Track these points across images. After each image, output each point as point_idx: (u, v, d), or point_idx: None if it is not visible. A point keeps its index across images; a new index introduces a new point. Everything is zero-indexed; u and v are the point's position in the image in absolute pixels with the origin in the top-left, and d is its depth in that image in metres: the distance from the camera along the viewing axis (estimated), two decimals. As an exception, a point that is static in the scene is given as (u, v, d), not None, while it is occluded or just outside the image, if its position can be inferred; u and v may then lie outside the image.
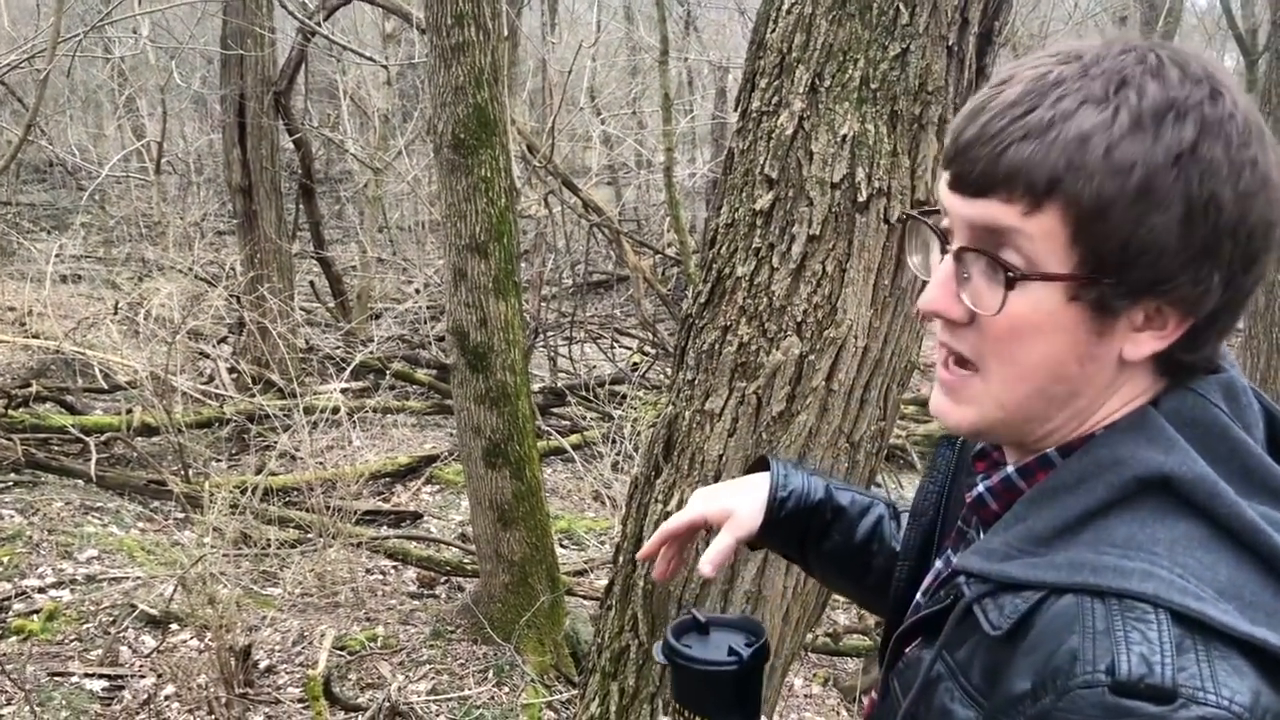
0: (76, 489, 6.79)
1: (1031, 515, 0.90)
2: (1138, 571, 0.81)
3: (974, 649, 0.88)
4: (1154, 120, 0.84)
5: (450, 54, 4.72)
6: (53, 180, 17.75)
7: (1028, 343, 0.90)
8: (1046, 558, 0.86)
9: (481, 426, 5.13)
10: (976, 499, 1.02)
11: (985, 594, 0.88)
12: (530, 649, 5.18)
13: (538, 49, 13.58)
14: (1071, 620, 0.80)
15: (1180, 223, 0.84)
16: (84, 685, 4.69)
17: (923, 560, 1.16)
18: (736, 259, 2.38)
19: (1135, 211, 0.84)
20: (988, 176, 0.87)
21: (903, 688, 0.97)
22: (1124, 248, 0.85)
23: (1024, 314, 0.89)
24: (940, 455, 1.20)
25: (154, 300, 8.36)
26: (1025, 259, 0.88)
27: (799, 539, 1.40)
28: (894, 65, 2.23)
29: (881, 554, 1.38)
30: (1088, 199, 0.84)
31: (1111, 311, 0.88)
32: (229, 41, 9.59)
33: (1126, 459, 0.87)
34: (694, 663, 1.24)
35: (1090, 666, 0.77)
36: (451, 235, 4.98)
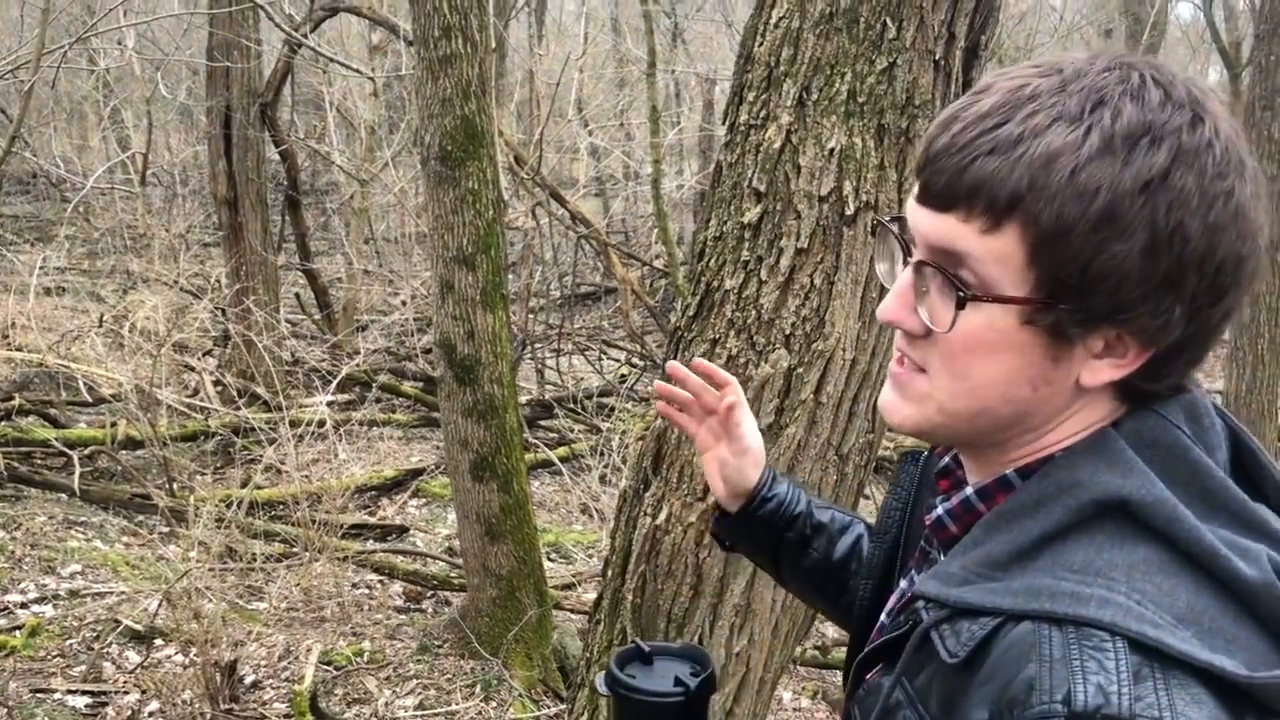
0: (60, 503, 6.74)
1: (989, 539, 0.89)
2: (1095, 598, 0.79)
3: (931, 676, 0.87)
4: (1125, 144, 0.81)
5: (438, 66, 4.72)
6: (36, 192, 17.64)
7: (978, 361, 0.89)
8: (1004, 583, 0.84)
9: (469, 439, 5.11)
10: (936, 521, 1.01)
11: (942, 619, 0.87)
12: (518, 663, 5.15)
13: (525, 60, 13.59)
14: (1028, 648, 0.79)
15: (1143, 252, 0.81)
16: (66, 702, 4.65)
17: (886, 579, 1.16)
18: (725, 272, 2.38)
19: (1096, 238, 0.81)
20: (951, 190, 0.86)
21: (863, 715, 0.96)
22: (1082, 273, 0.82)
23: (975, 333, 0.87)
24: (903, 471, 1.19)
25: (139, 313, 8.31)
26: (980, 279, 0.86)
27: (773, 545, 1.40)
28: (881, 79, 2.24)
29: (859, 574, 1.36)
30: (1045, 221, 0.82)
31: (1067, 337, 0.86)
32: (215, 53, 9.56)
33: (1084, 482, 0.86)
34: (637, 693, 1.22)
35: (1047, 697, 0.75)
36: (439, 247, 4.96)
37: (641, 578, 2.53)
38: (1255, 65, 7.09)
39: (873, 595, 1.16)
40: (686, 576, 2.47)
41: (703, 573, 2.47)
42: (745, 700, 2.57)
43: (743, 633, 2.49)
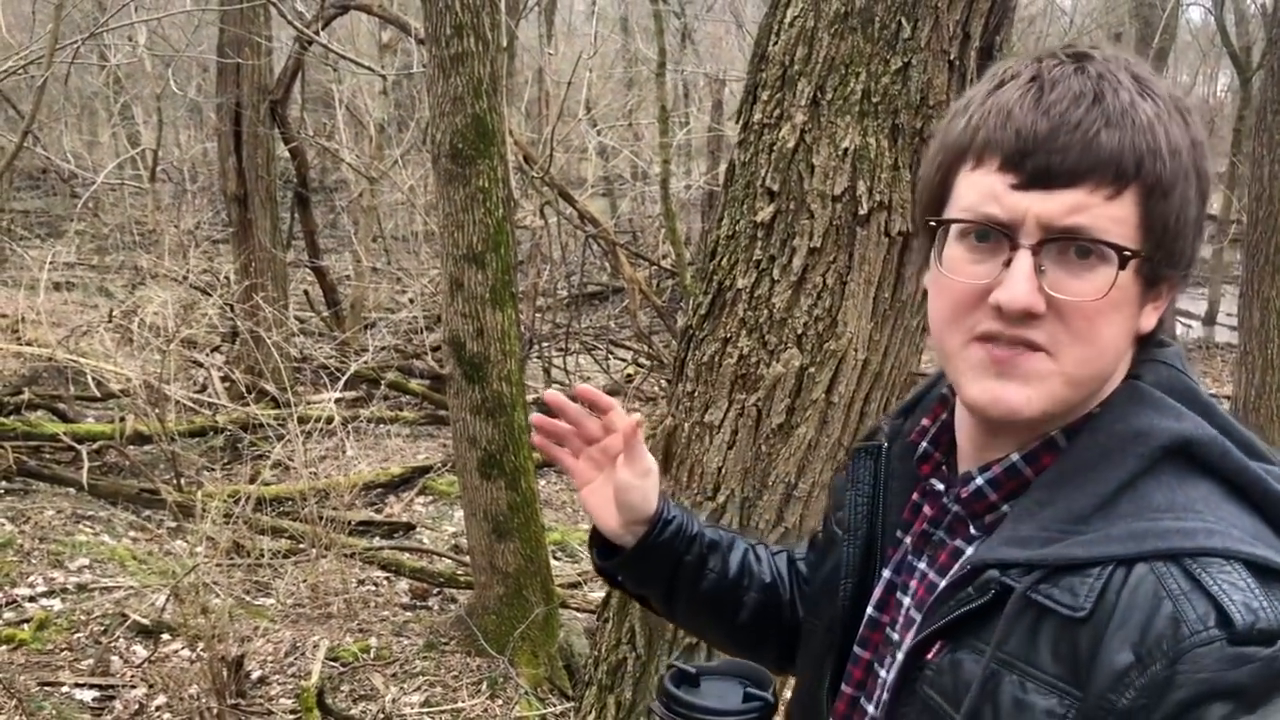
0: (68, 497, 6.76)
1: (1060, 497, 0.92)
2: (1200, 530, 0.84)
3: (1032, 638, 0.88)
4: (1178, 110, 0.93)
5: (449, 64, 4.72)
6: (46, 187, 17.71)
7: (1107, 322, 0.93)
8: (1100, 533, 0.88)
9: (477, 437, 5.12)
10: (975, 492, 1.01)
11: (1039, 580, 0.88)
12: (524, 661, 5.15)
13: (535, 60, 13.60)
14: (1155, 587, 0.83)
15: (1198, 198, 0.94)
16: (75, 695, 4.66)
17: (865, 575, 1.14)
18: (737, 271, 2.37)
19: (1187, 189, 0.92)
20: (1081, 164, 0.90)
21: (943, 694, 0.94)
22: (1176, 223, 0.92)
23: (1110, 295, 0.92)
24: (860, 467, 1.18)
25: (148, 308, 8.33)
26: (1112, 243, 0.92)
27: (671, 572, 1.32)
28: (896, 79, 2.23)
29: (753, 589, 1.35)
30: (1159, 180, 0.91)
31: (1155, 287, 0.96)
32: (225, 50, 9.58)
33: (1148, 429, 0.91)
34: (713, 715, 1.18)
35: (1200, 625, 0.80)
36: (449, 245, 4.97)
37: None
38: (1266, 69, 7.07)
39: (854, 592, 1.14)
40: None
41: (712, 572, 2.46)
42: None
43: (752, 632, 2.49)
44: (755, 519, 2.43)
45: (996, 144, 0.92)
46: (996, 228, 0.93)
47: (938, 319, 0.99)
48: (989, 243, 0.94)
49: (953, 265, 0.96)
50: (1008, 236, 0.92)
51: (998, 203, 0.92)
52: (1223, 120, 19.86)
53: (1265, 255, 6.41)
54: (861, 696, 1.11)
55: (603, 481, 1.30)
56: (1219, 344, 15.08)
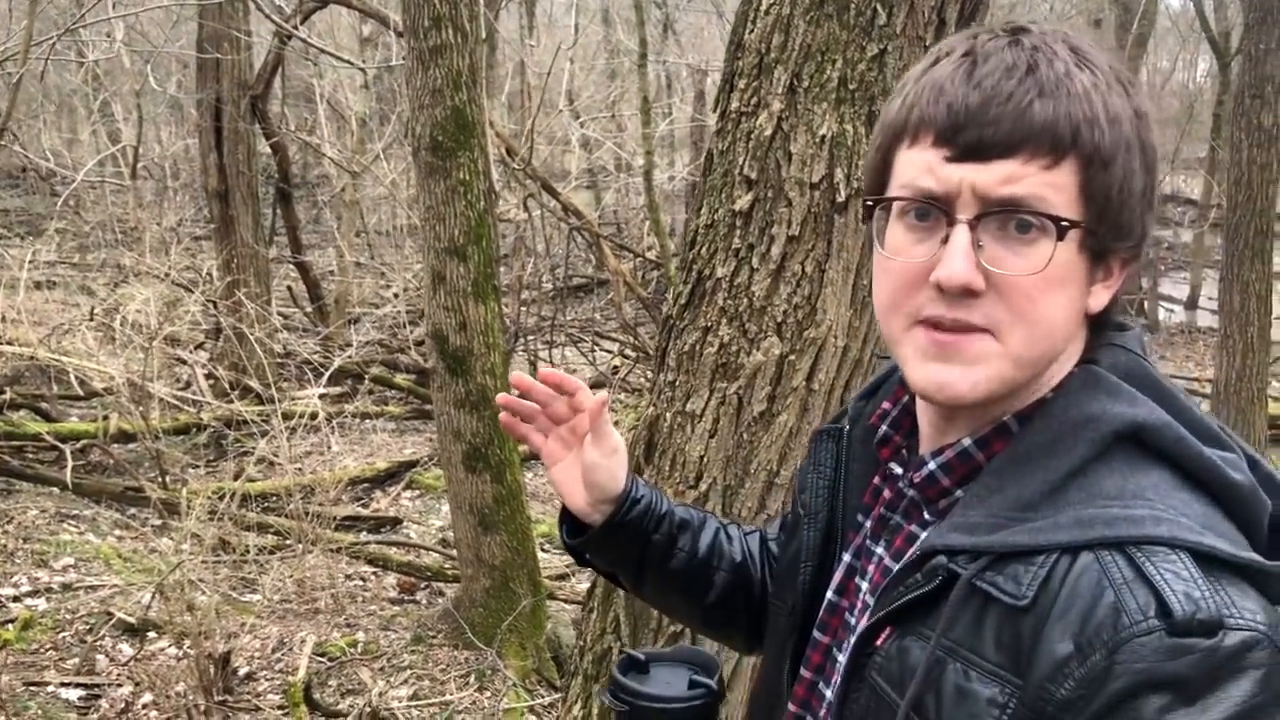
0: (52, 496, 6.73)
1: (1010, 483, 0.90)
2: (1147, 518, 0.83)
3: (977, 625, 0.87)
4: (1118, 80, 0.92)
5: (428, 56, 4.70)
6: (26, 185, 17.58)
7: (1051, 299, 0.91)
8: (1048, 520, 0.86)
9: (462, 430, 5.11)
10: (927, 477, 1.00)
11: (985, 568, 0.87)
12: (512, 653, 5.16)
13: (516, 52, 13.56)
14: (1098, 576, 0.82)
15: (1143, 170, 0.92)
16: (60, 694, 4.64)
17: (824, 558, 1.14)
18: (716, 260, 2.38)
19: (1129, 159, 0.91)
20: (1015, 135, 0.88)
21: (889, 680, 0.94)
22: (1119, 194, 0.91)
23: (1051, 270, 0.90)
24: (822, 449, 1.18)
25: (130, 306, 8.29)
26: (1049, 214, 0.90)
27: (640, 551, 1.32)
28: (872, 66, 2.24)
29: (723, 568, 1.35)
30: (1097, 149, 0.89)
31: (1102, 262, 0.94)
32: (204, 45, 9.52)
33: (1100, 415, 0.90)
34: (657, 702, 1.18)
35: (1140, 615, 0.79)
36: (430, 238, 4.96)
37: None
38: (1245, 54, 7.10)
39: (813, 576, 1.14)
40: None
41: (696, 560, 2.47)
42: (738, 688, 2.58)
43: (736, 620, 2.50)
44: (738, 507, 2.44)
45: (930, 120, 0.91)
46: (932, 203, 0.92)
47: (881, 303, 0.98)
48: (928, 221, 0.92)
49: (893, 246, 0.95)
50: (944, 212, 0.91)
51: (933, 177, 0.91)
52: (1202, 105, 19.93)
53: (1245, 239, 6.45)
54: (820, 681, 1.10)
55: (571, 461, 1.30)
56: (1201, 328, 15.15)
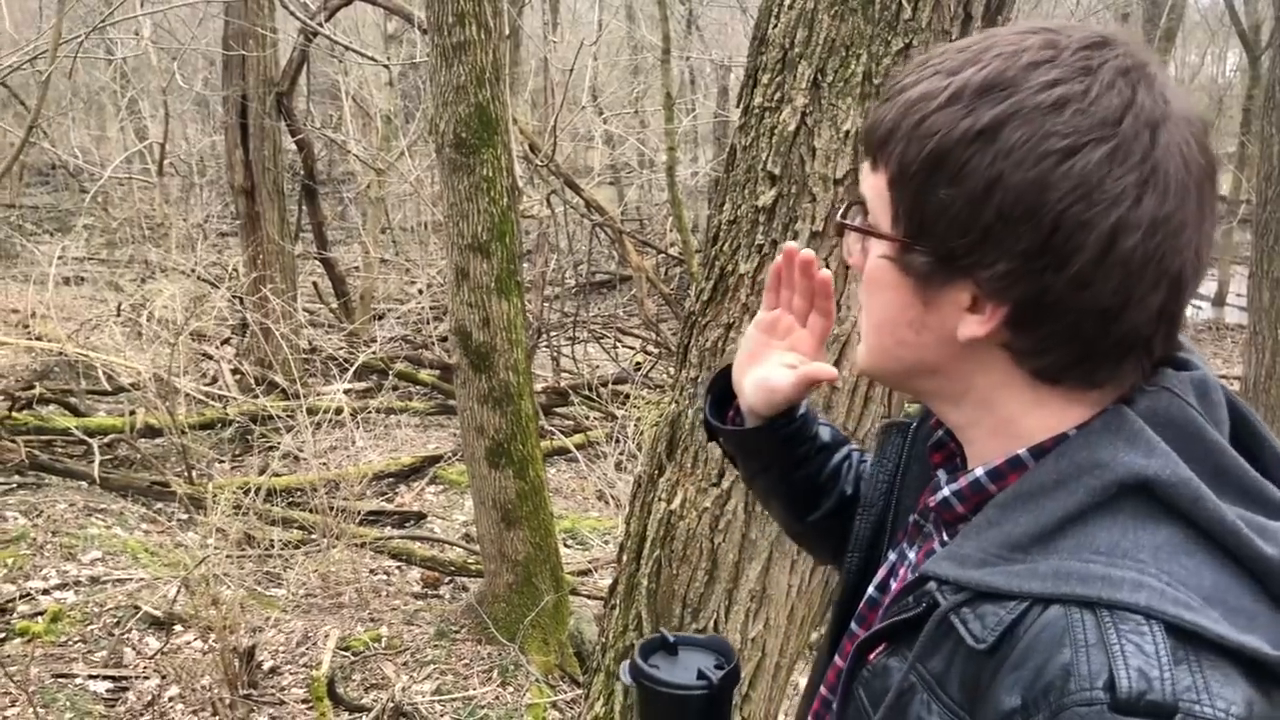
0: (80, 491, 6.79)
1: (1007, 520, 0.87)
2: (1128, 581, 0.78)
3: (950, 660, 0.85)
4: (975, 96, 0.84)
5: (452, 53, 4.71)
6: (55, 183, 17.76)
7: (871, 299, 0.96)
8: (1028, 565, 0.82)
9: (485, 426, 5.12)
10: (941, 502, 0.99)
11: (962, 603, 0.85)
12: (535, 649, 5.17)
13: (539, 48, 13.57)
14: (1061, 633, 0.77)
15: (969, 199, 0.84)
16: (88, 687, 4.69)
17: (873, 551, 1.14)
18: (739, 256, 2.37)
19: (929, 180, 0.86)
20: (863, 137, 0.94)
21: (870, 698, 0.93)
22: (921, 214, 0.87)
23: (868, 271, 0.95)
24: (890, 443, 1.17)
25: (156, 302, 8.36)
26: (873, 217, 0.93)
27: (772, 457, 1.31)
28: (897, 60, 2.22)
29: (834, 495, 1.33)
30: (894, 161, 0.88)
31: (928, 281, 0.90)
32: (230, 42, 9.58)
33: (1107, 462, 0.84)
34: (661, 685, 1.20)
35: (1086, 683, 0.74)
36: (454, 235, 4.97)
37: (656, 563, 2.53)
38: (1275, 48, 7.02)
39: (859, 566, 1.14)
40: (701, 561, 2.48)
41: (718, 558, 2.47)
42: (761, 686, 2.58)
43: (758, 618, 2.49)
44: (760, 505, 2.43)
45: None
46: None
47: None
48: None
49: None
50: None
51: None
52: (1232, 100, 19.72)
53: (1275, 234, 6.37)
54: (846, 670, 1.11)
55: (771, 354, 1.25)
56: (1229, 325, 15.00)
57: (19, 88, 13.15)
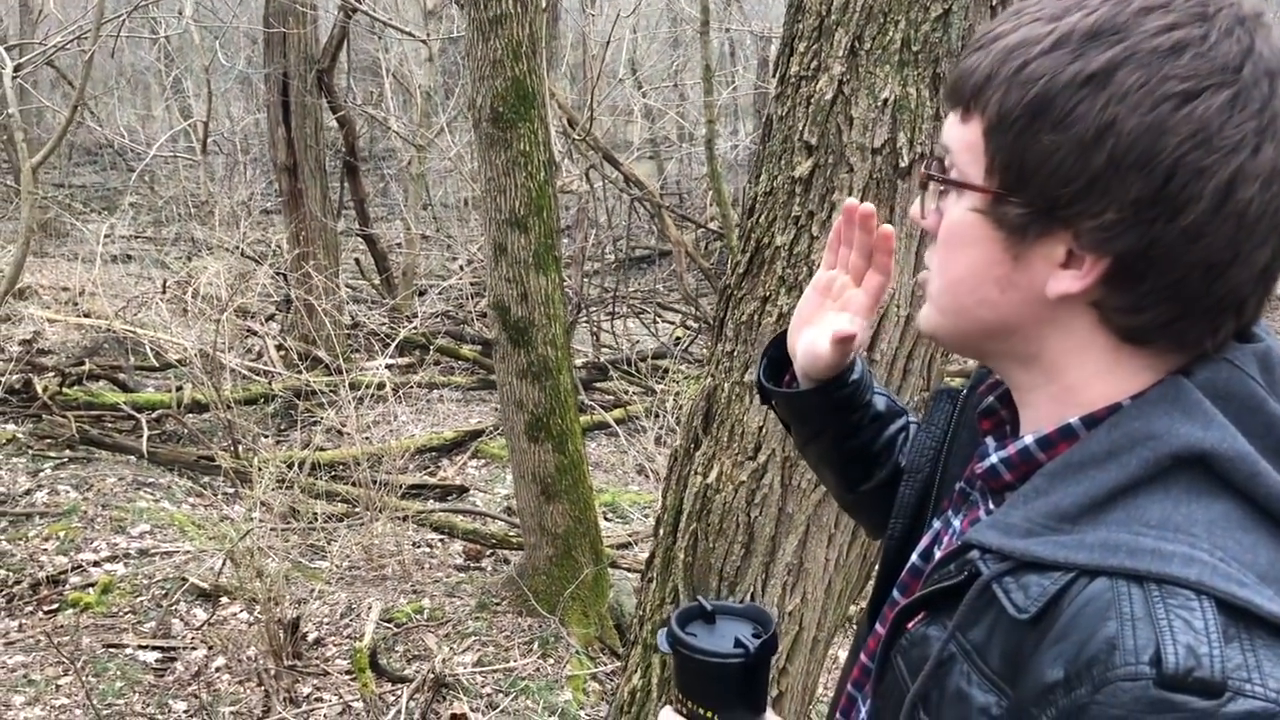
0: (129, 465, 6.91)
1: (1055, 490, 0.85)
2: (1179, 555, 0.76)
3: (991, 630, 0.83)
4: (1082, 40, 0.81)
5: (488, 26, 4.70)
6: (103, 162, 18.01)
7: (953, 255, 0.92)
8: (1075, 536, 0.80)
9: (524, 401, 5.14)
10: (989, 469, 0.97)
11: (1005, 572, 0.83)
12: (574, 621, 5.20)
13: (578, 23, 13.52)
14: (1106, 606, 0.75)
15: (1077, 145, 0.81)
16: (137, 657, 4.79)
17: (918, 519, 1.12)
18: (775, 228, 2.34)
19: (1031, 126, 0.83)
20: (948, 90, 0.91)
21: (909, 666, 0.92)
22: (1022, 163, 0.84)
23: (950, 225, 0.92)
24: (938, 409, 1.14)
25: (201, 279, 8.46)
26: (958, 170, 0.90)
27: (824, 422, 1.30)
28: (936, 26, 2.18)
29: (887, 465, 1.32)
30: (992, 109, 0.85)
31: (1022, 234, 0.86)
32: (271, 20, 9.64)
33: (1162, 433, 0.82)
34: (697, 653, 1.19)
35: (1132, 657, 0.72)
36: (491, 210, 4.97)
37: (693, 536, 2.53)
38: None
39: (903, 534, 1.12)
40: (738, 535, 2.47)
41: (754, 531, 2.46)
42: (798, 659, 2.57)
43: (795, 591, 2.48)
44: (797, 478, 2.42)
45: None
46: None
47: None
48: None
49: None
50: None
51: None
52: None
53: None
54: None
55: (820, 311, 1.25)
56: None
57: (67, 69, 13.32)
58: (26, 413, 7.35)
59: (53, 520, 5.96)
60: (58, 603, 5.20)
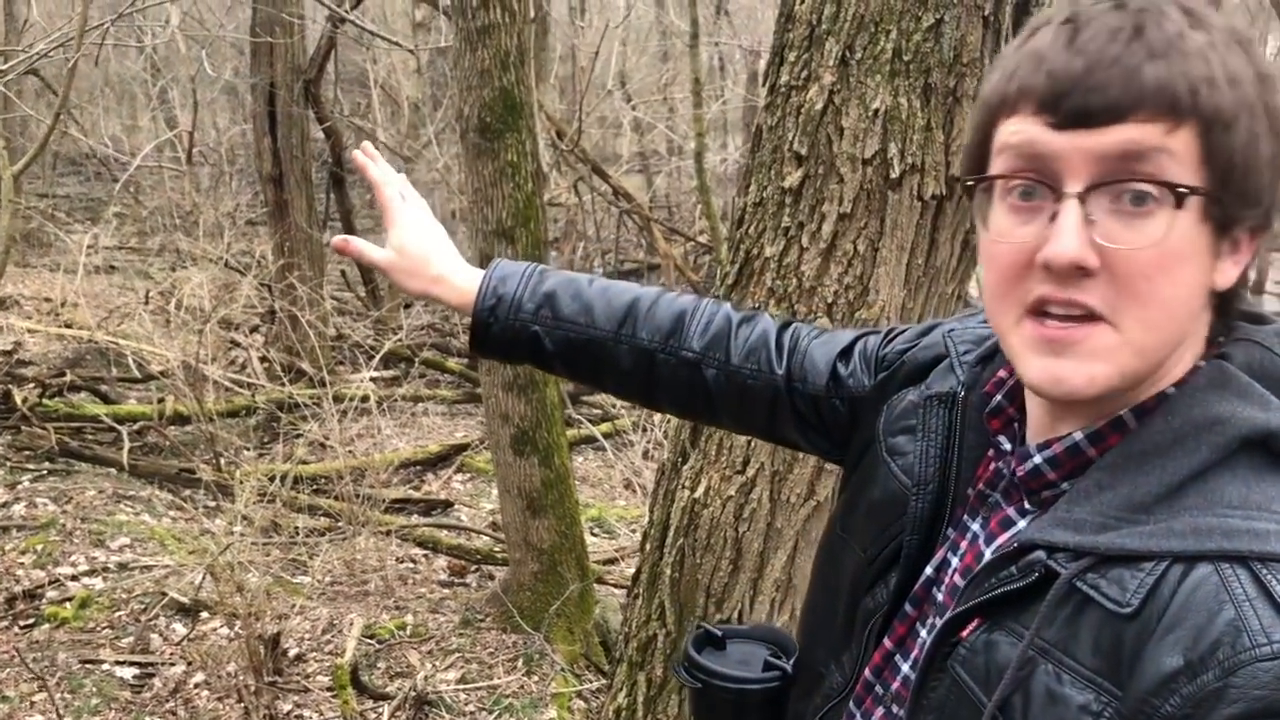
0: (110, 477, 6.83)
1: (1122, 481, 0.85)
2: (1274, 533, 0.77)
3: (1074, 627, 0.82)
4: (1236, 41, 0.85)
5: (476, 37, 4.66)
6: (87, 172, 17.90)
7: (1173, 274, 0.84)
8: (1160, 525, 0.81)
9: (509, 414, 5.09)
10: (1031, 471, 0.94)
11: (1088, 568, 0.83)
12: (560, 638, 5.14)
13: (569, 35, 13.52)
14: (1216, 589, 0.76)
15: (1269, 134, 0.84)
16: (115, 673, 4.70)
17: (932, 531, 1.07)
18: (765, 239, 2.31)
19: (1251, 123, 0.83)
20: (1126, 98, 0.82)
21: (973, 675, 0.89)
22: (1244, 160, 0.84)
23: (1174, 241, 0.83)
24: (931, 416, 1.10)
25: (184, 289, 8.39)
26: (1165, 181, 0.83)
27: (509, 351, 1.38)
28: (928, 36, 2.15)
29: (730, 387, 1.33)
30: (1220, 111, 0.82)
31: (1228, 233, 0.86)
32: (258, 30, 9.59)
33: (1228, 417, 0.83)
34: (732, 681, 1.14)
35: (1263, 637, 0.73)
36: (478, 221, 4.93)
37: (680, 551, 2.49)
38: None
39: (918, 550, 1.07)
40: (725, 551, 2.43)
41: (742, 547, 2.42)
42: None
43: (784, 608, 2.44)
44: (785, 493, 2.38)
45: (1030, 90, 0.85)
46: (1036, 178, 0.85)
47: (989, 293, 0.92)
48: (1034, 200, 0.87)
49: (997, 229, 0.89)
50: (1051, 187, 0.85)
51: (1035, 150, 0.85)
52: (1273, 84, 19.40)
53: (1317, 220, 6.24)
54: (899, 653, 1.06)
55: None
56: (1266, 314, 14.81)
57: (54, 79, 13.23)
58: (5, 424, 7.26)
59: (30, 533, 5.87)
60: (34, 618, 5.12)
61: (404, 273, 1.37)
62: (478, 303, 1.34)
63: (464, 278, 1.37)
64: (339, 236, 1.41)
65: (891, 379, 1.20)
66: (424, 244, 1.38)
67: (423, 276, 1.37)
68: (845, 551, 1.16)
